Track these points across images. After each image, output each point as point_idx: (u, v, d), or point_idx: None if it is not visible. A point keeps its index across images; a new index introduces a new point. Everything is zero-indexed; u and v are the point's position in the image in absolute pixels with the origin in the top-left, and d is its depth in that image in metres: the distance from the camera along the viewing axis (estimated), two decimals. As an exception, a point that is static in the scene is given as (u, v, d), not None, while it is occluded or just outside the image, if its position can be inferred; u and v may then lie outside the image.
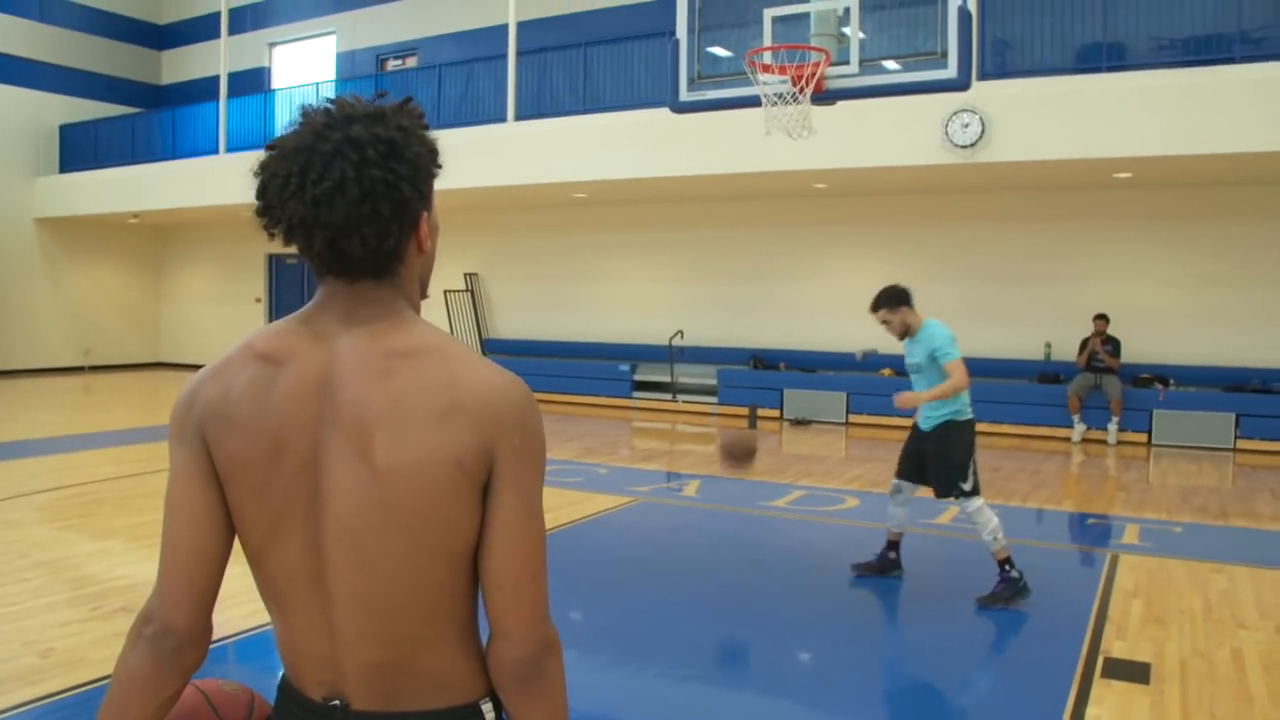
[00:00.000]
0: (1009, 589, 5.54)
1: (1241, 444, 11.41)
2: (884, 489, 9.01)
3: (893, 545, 6.16)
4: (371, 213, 1.37)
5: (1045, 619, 5.42)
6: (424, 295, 1.63)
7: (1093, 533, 7.75)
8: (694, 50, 6.64)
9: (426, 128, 1.52)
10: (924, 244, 13.67)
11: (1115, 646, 4.89)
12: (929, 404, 5.76)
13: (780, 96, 6.01)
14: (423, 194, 1.47)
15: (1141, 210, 12.47)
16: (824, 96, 6.19)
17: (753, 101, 6.46)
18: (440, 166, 1.54)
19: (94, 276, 20.84)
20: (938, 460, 5.82)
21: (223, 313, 20.75)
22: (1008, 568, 5.57)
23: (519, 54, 14.07)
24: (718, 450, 5.33)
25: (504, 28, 14.70)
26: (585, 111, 13.82)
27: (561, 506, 8.00)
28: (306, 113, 1.44)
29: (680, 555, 6.78)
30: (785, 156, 11.60)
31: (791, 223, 14.47)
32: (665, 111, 12.62)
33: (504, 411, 1.37)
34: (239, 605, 5.29)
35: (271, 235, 1.43)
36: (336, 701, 1.43)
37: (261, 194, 1.43)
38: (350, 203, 1.35)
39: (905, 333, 5.99)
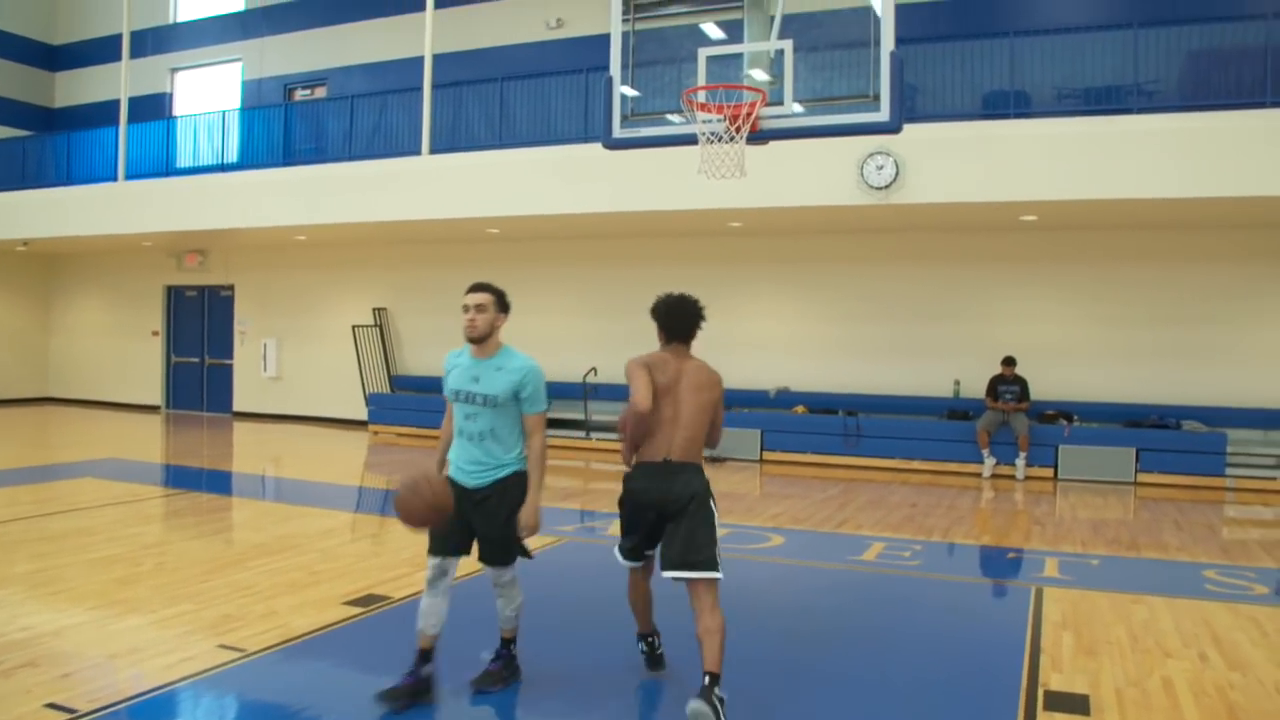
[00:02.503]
0: (508, 669, 4.84)
1: (1142, 477, 11.80)
2: (807, 525, 9.11)
3: (425, 656, 4.66)
4: None
5: (981, 653, 5.49)
6: None
7: (1015, 567, 7.89)
8: (628, 86, 6.64)
9: None
10: (838, 283, 13.92)
11: (1052, 679, 4.96)
12: (484, 456, 4.56)
13: (716, 135, 6.04)
14: None
15: (1047, 252, 12.89)
16: (758, 136, 6.24)
17: (687, 139, 6.48)
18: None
19: (-9, 302, 20.00)
20: (491, 521, 4.55)
21: (117, 346, 20.04)
22: (513, 647, 4.89)
23: (434, 87, 13.95)
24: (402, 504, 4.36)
25: (415, 60, 14.59)
26: (501, 146, 13.76)
27: (485, 546, 7.85)
28: None
29: (614, 597, 6.68)
30: (701, 195, 11.71)
31: (706, 260, 14.58)
32: (581, 147, 12.78)
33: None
34: (157, 658, 5.06)
35: None
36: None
37: None
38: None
39: (482, 337, 4.66)
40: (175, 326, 19.94)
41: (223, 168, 16.59)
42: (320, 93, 18.37)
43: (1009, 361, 12.38)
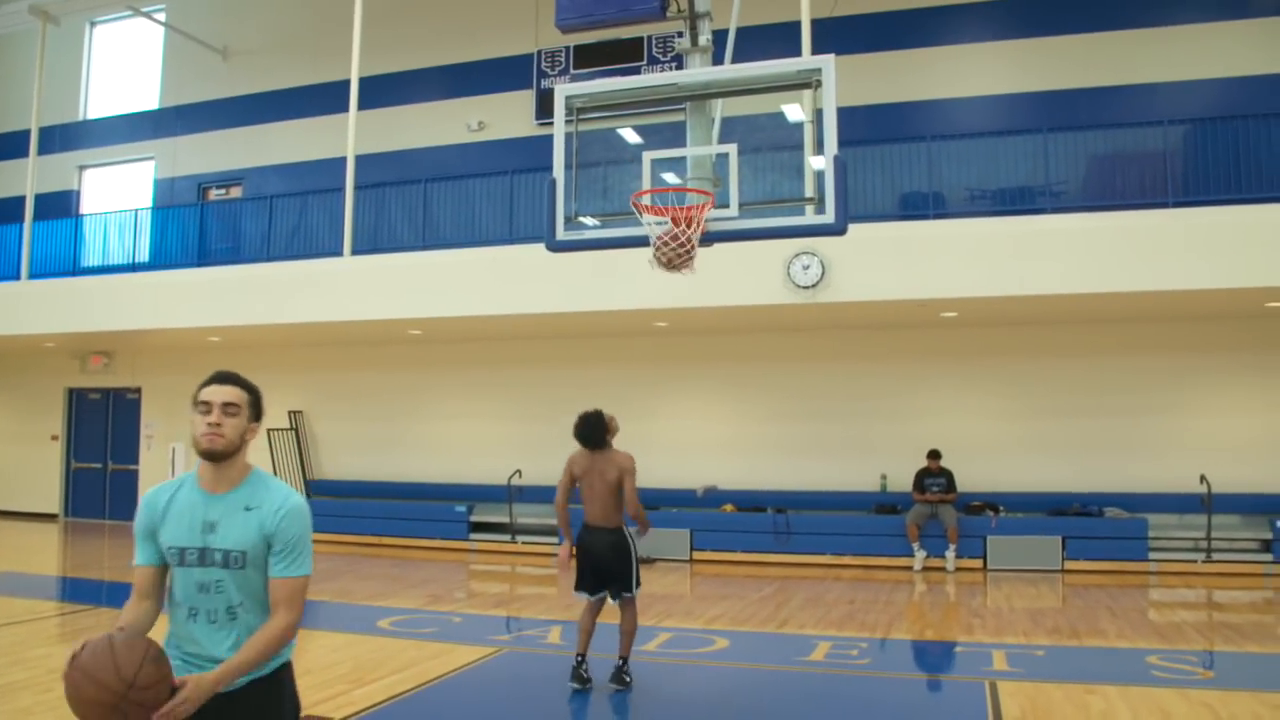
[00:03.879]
0: None
1: (1069, 564, 11.96)
2: (748, 626, 8.99)
3: None
4: None
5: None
6: None
7: (964, 661, 7.85)
8: (571, 189, 6.64)
9: None
10: (764, 381, 14.02)
11: (1025, 782, 4.90)
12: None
13: (671, 236, 6.05)
14: None
15: (968, 347, 13.20)
16: (705, 239, 6.27)
17: (633, 242, 6.49)
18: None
19: None
20: None
21: (13, 451, 19.16)
22: None
23: (356, 188, 13.84)
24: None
25: (336, 160, 14.53)
26: (424, 247, 13.69)
27: (421, 661, 7.58)
28: None
29: (558, 710, 6.47)
30: (627, 295, 11.78)
31: (632, 360, 14.60)
32: (506, 249, 12.79)
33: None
34: None
35: None
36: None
37: None
38: None
39: (227, 451, 2.98)
40: (76, 430, 19.16)
41: (133, 267, 16.15)
42: (236, 192, 18.11)
43: (934, 454, 12.55)
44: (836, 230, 6.15)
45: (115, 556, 14.43)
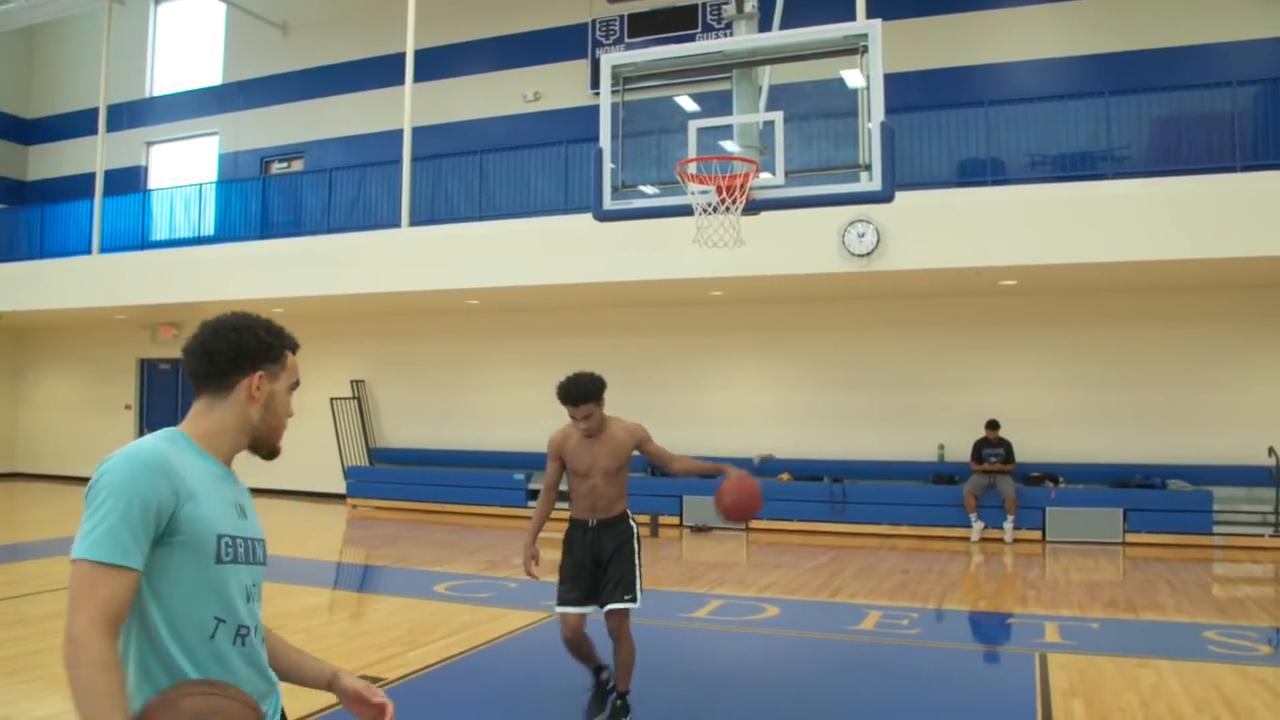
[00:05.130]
0: None
1: (1130, 537, 11.79)
2: (801, 595, 9.01)
3: None
4: None
5: (994, 727, 5.39)
6: None
7: (1015, 633, 7.79)
8: (619, 158, 6.66)
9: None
10: (820, 350, 13.95)
11: (1069, 753, 4.88)
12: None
13: (711, 206, 6.05)
14: None
15: (1027, 316, 12.99)
16: (751, 207, 6.26)
17: (679, 210, 6.49)
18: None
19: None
20: None
21: (89, 420, 19.73)
22: None
23: (413, 159, 13.98)
24: None
25: (393, 133, 14.67)
26: (481, 218, 13.79)
27: (475, 624, 7.71)
28: None
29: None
30: (683, 265, 11.77)
31: (687, 329, 14.60)
32: (561, 218, 12.83)
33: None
34: None
35: None
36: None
37: None
38: None
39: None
40: (148, 400, 19.68)
41: (199, 240, 16.50)
42: (297, 166, 18.39)
43: (992, 425, 12.41)
44: (883, 198, 6.10)
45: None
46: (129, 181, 19.64)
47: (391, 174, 14.41)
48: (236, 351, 2.12)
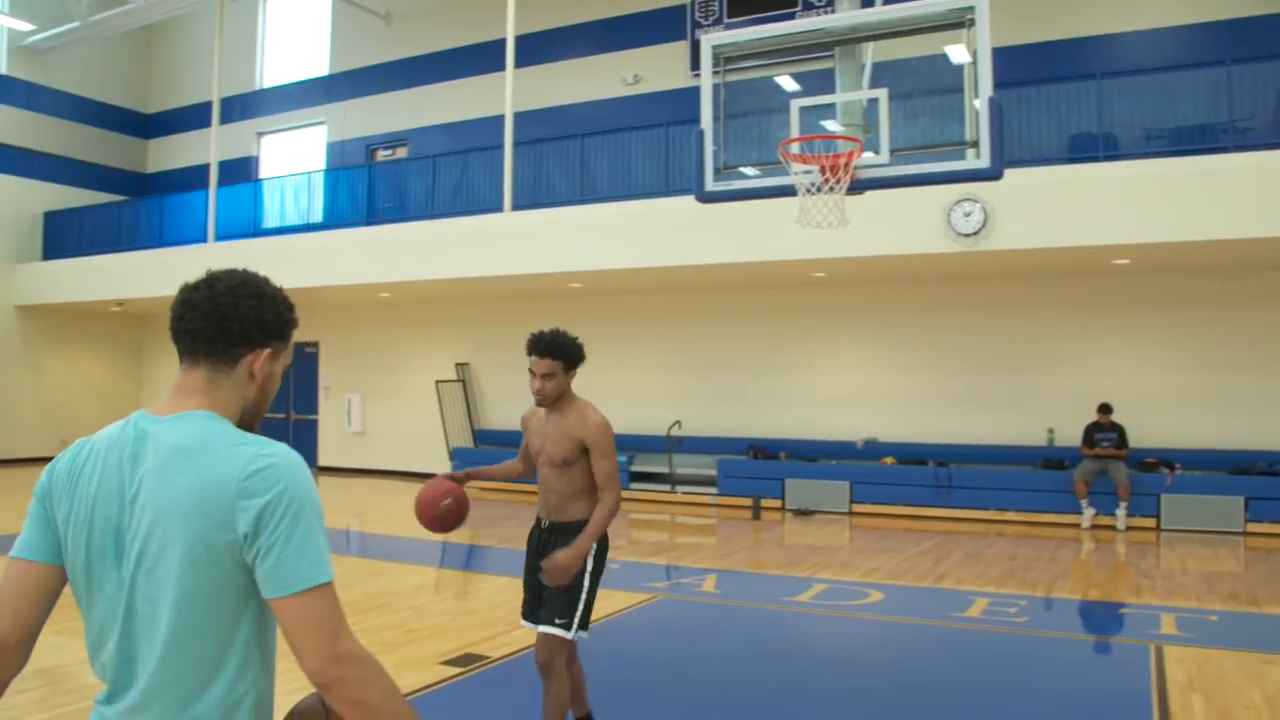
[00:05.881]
0: None
1: (1251, 527, 11.33)
2: (906, 580, 8.88)
3: None
4: None
5: (1112, 717, 5.24)
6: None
7: (1129, 624, 7.57)
8: (720, 139, 6.62)
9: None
10: (924, 332, 13.70)
11: (1188, 748, 4.72)
12: None
13: (815, 186, 5.98)
14: None
15: (1141, 296, 12.56)
16: (856, 186, 6.17)
17: (782, 191, 6.44)
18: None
19: (73, 365, 20.50)
20: None
21: (205, 403, 20.42)
22: None
23: (515, 144, 14.12)
24: None
25: (494, 119, 14.82)
26: (582, 202, 13.86)
27: (580, 603, 7.77)
28: None
29: (714, 656, 6.54)
30: (784, 246, 11.66)
31: (790, 312, 14.48)
32: (662, 201, 12.82)
33: None
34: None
35: None
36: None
37: None
38: None
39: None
40: (261, 383, 20.27)
41: (308, 228, 16.93)
42: (402, 153, 18.74)
43: (1105, 409, 12.05)
44: (992, 175, 5.96)
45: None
46: (241, 171, 20.24)
47: (493, 159, 14.57)
48: (254, 322, 1.84)
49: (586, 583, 4.26)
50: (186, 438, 1.72)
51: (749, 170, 6.89)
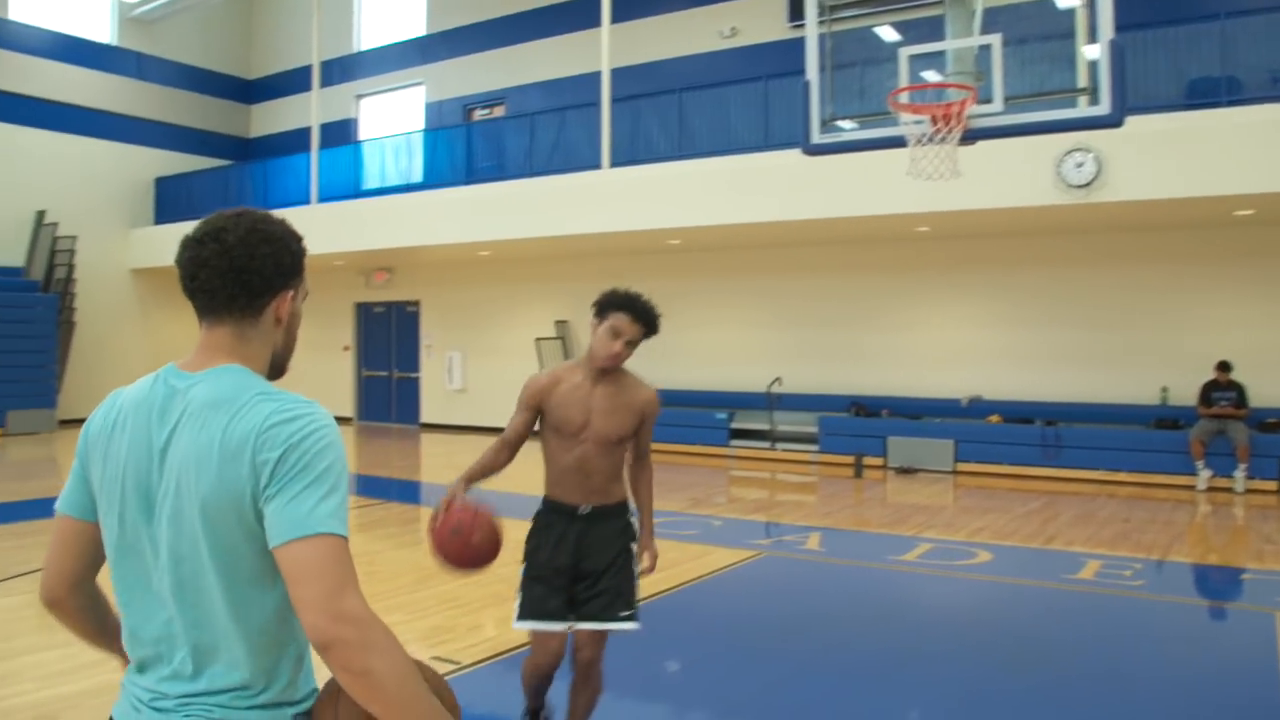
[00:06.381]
0: None
1: (1380, 490, 10.86)
2: (1013, 540, 8.70)
3: None
4: None
5: (1236, 687, 5.07)
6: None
7: (1249, 589, 7.30)
8: (826, 91, 6.47)
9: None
10: (1031, 287, 13.31)
11: (1320, 718, 4.54)
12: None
13: (925, 136, 5.81)
14: None
15: (1264, 249, 12.00)
16: (967, 136, 5.99)
17: (890, 143, 6.28)
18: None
19: (185, 325, 21.06)
20: None
21: (311, 361, 20.88)
22: None
23: (612, 101, 14.05)
24: None
25: (591, 76, 14.76)
26: (680, 157, 13.75)
27: (683, 561, 7.78)
28: None
29: (819, 614, 6.50)
30: (886, 199, 11.43)
31: (892, 267, 14.21)
32: (761, 155, 12.65)
33: None
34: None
35: None
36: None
37: None
38: None
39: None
40: (365, 342, 20.71)
41: (409, 188, 17.15)
42: (499, 112, 18.80)
43: (1224, 366, 11.59)
44: (1111, 122, 5.73)
45: (400, 456, 15.60)
46: (342, 134, 20.55)
47: (591, 116, 14.53)
48: (273, 269, 1.74)
49: (636, 571, 3.86)
50: (214, 392, 1.66)
51: (847, 124, 6.74)
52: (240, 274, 1.70)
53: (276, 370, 1.85)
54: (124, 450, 1.70)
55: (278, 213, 1.85)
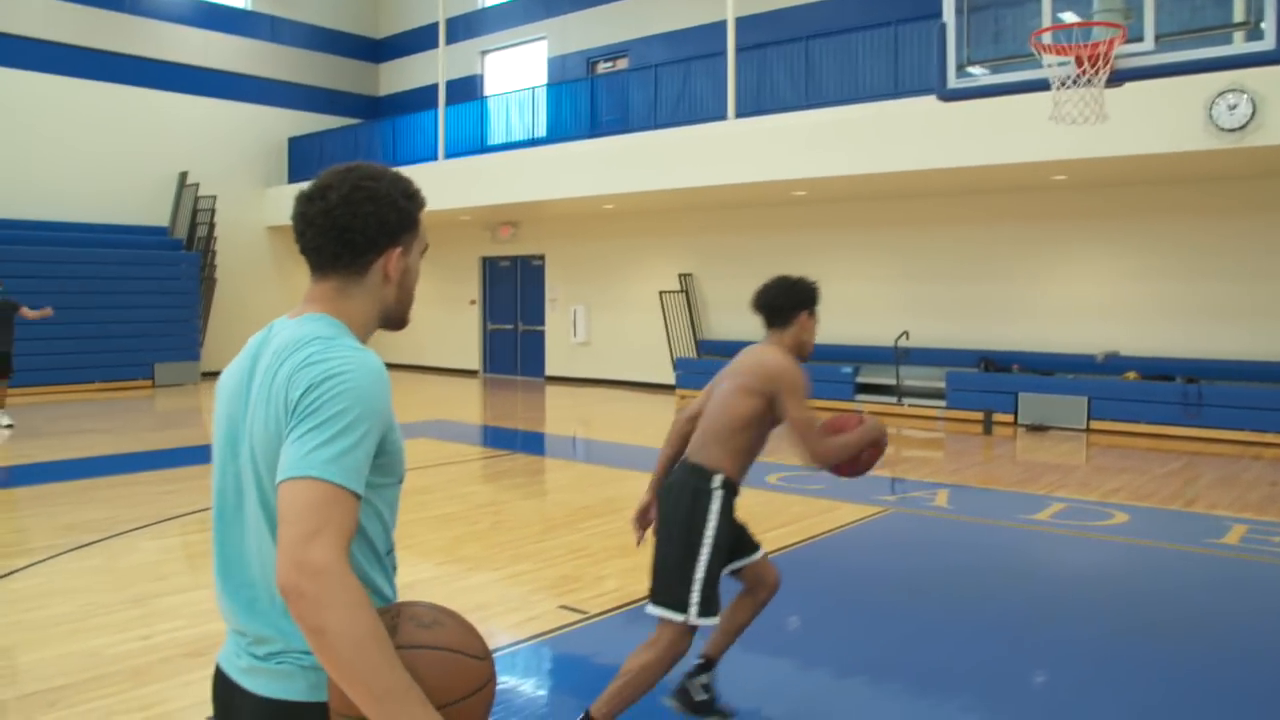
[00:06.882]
0: None
1: None
2: (1151, 502, 8.39)
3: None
4: None
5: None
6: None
7: None
8: (962, 34, 6.24)
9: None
10: (1174, 237, 12.69)
11: None
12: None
13: (1070, 78, 5.56)
14: None
15: None
16: (1115, 78, 5.70)
17: (1032, 86, 6.03)
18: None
19: (319, 281, 21.75)
20: None
21: (440, 315, 21.35)
22: None
23: (737, 51, 13.85)
24: None
25: (715, 26, 14.57)
26: (807, 107, 13.49)
27: (810, 515, 7.74)
28: None
29: (949, 572, 6.37)
30: (1021, 147, 11.04)
31: (1026, 218, 13.73)
32: (891, 104, 12.34)
33: None
34: (504, 615, 5.23)
35: None
36: None
37: None
38: None
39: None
40: (491, 296, 21.03)
41: (533, 142, 17.26)
42: (622, 64, 18.73)
43: (1387, 320, 10.92)
44: (1276, 58, 5.38)
45: (526, 409, 15.84)
46: (467, 90, 20.78)
47: (716, 66, 14.36)
48: (376, 228, 1.73)
49: (705, 547, 3.59)
50: (288, 337, 1.68)
51: (978, 70, 6.49)
52: (343, 232, 1.71)
53: (394, 323, 1.87)
54: (228, 391, 1.75)
55: (406, 169, 1.86)
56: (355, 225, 1.71)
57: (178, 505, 7.99)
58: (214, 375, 18.89)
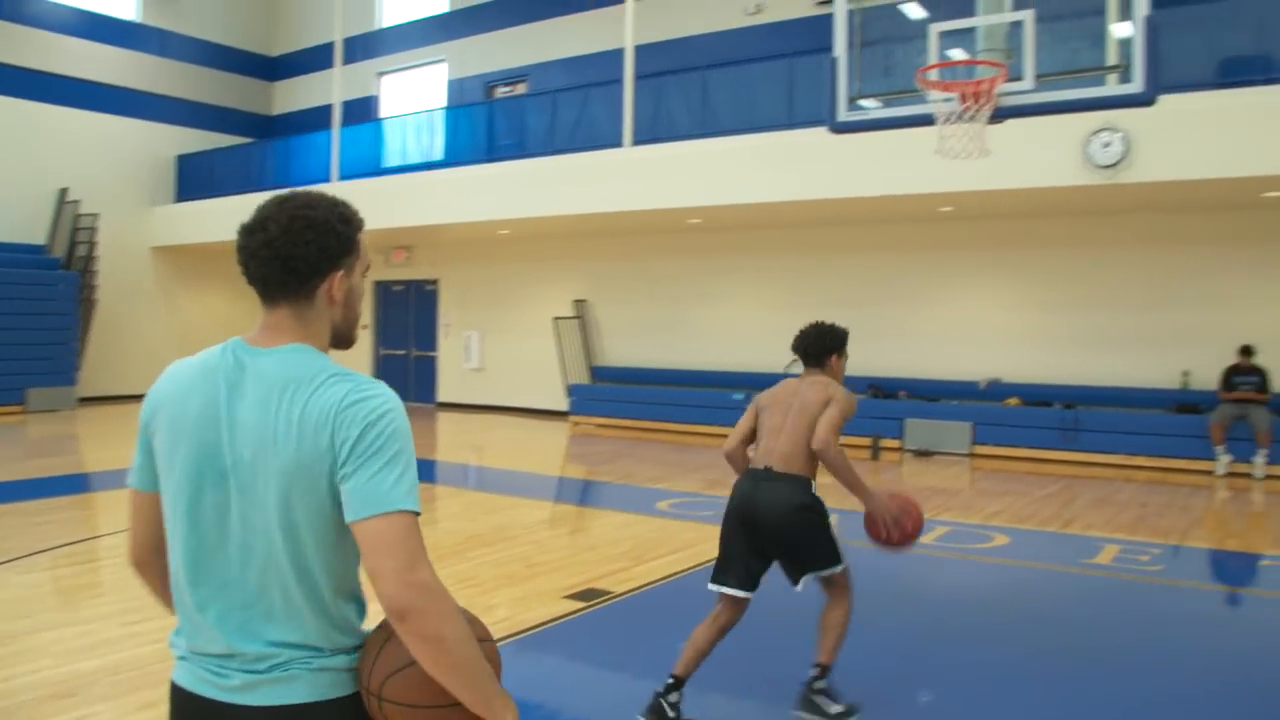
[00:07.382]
0: None
1: (1406, 479, 10.75)
2: (1030, 524, 8.66)
3: None
4: None
5: (1254, 672, 5.03)
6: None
7: (1268, 576, 7.28)
8: (854, 68, 6.41)
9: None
10: (1053, 268, 13.20)
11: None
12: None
13: (954, 115, 5.75)
14: None
15: (1291, 232, 11.87)
16: (996, 115, 5.92)
17: (917, 121, 6.22)
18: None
19: (205, 303, 21.12)
20: None
21: (331, 338, 20.94)
22: None
23: (635, 78, 13.98)
24: None
25: (614, 53, 14.68)
26: (702, 135, 13.67)
27: (699, 542, 7.77)
28: None
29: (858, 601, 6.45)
30: (909, 179, 11.35)
31: (914, 248, 14.12)
32: (785, 134, 12.58)
33: None
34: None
35: None
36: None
37: None
38: None
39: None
40: (383, 320, 20.74)
41: (429, 165, 17.13)
42: (521, 89, 18.75)
43: (1246, 350, 11.48)
44: (1144, 100, 5.68)
45: (418, 435, 15.59)
46: (363, 111, 20.54)
47: (614, 94, 14.46)
48: (318, 254, 1.80)
49: (828, 526, 4.47)
50: (286, 370, 1.75)
51: (871, 103, 6.67)
52: (286, 261, 1.78)
53: (343, 342, 1.95)
54: (191, 416, 1.77)
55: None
56: (297, 254, 1.78)
57: (49, 537, 7.66)
58: (92, 401, 18.23)
